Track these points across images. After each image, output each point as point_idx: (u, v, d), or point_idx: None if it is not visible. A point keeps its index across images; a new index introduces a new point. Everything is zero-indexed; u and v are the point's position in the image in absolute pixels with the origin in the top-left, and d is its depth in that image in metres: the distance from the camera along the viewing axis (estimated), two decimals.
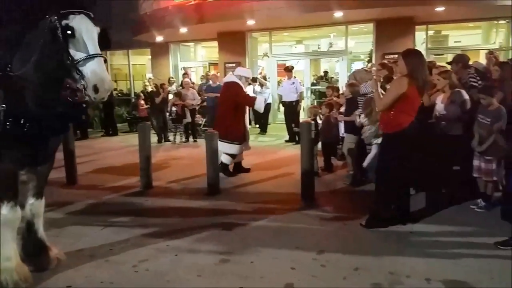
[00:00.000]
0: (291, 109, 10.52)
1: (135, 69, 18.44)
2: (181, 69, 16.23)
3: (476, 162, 4.82)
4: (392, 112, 4.24)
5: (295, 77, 10.89)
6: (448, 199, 5.08)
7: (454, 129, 5.00)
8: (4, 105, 3.07)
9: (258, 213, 5.01)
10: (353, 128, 6.20)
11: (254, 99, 6.90)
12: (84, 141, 11.32)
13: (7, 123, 3.05)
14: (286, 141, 10.31)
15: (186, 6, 12.83)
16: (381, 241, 4.13)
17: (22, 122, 3.08)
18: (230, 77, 7.09)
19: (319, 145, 6.88)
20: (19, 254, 3.39)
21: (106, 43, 3.06)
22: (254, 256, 3.82)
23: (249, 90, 11.51)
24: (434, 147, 4.89)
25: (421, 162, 5.41)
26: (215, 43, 15.04)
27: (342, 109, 7.12)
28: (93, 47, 2.91)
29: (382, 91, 5.20)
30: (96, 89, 2.83)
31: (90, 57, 2.86)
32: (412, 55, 4.36)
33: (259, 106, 6.79)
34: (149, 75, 17.17)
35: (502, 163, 4.70)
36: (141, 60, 18.79)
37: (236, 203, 5.40)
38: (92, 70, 2.84)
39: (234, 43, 14.04)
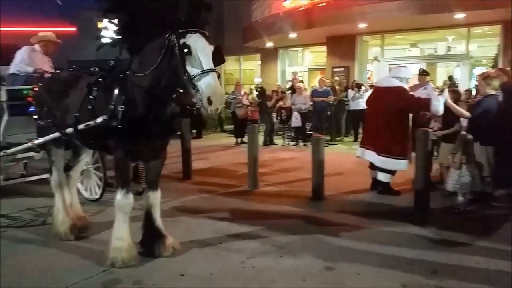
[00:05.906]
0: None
1: (245, 74, 19.21)
2: (289, 73, 16.48)
3: None
4: None
5: (429, 82, 10.03)
6: None
7: None
8: (123, 106, 3.49)
9: (365, 224, 4.84)
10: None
11: (428, 101, 5.73)
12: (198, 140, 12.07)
13: (121, 123, 3.46)
14: None
15: (296, 11, 13.01)
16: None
17: (133, 123, 3.46)
18: (389, 80, 6.15)
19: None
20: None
21: (219, 59, 3.34)
22: (361, 268, 3.69)
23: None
24: None
25: None
26: (322, 48, 14.98)
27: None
28: (208, 63, 3.19)
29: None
30: (210, 101, 3.11)
31: (205, 72, 3.14)
32: None
33: (436, 109, 5.63)
34: (257, 79, 17.73)
35: None
36: (251, 65, 19.52)
37: (341, 211, 5.27)
38: (207, 83, 3.13)
39: (343, 47, 13.84)
